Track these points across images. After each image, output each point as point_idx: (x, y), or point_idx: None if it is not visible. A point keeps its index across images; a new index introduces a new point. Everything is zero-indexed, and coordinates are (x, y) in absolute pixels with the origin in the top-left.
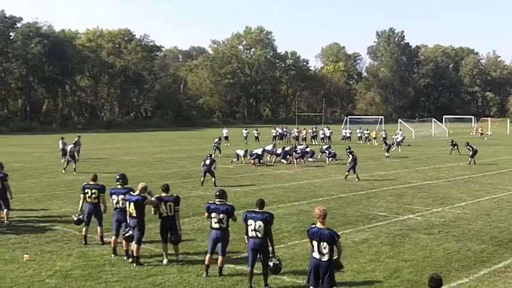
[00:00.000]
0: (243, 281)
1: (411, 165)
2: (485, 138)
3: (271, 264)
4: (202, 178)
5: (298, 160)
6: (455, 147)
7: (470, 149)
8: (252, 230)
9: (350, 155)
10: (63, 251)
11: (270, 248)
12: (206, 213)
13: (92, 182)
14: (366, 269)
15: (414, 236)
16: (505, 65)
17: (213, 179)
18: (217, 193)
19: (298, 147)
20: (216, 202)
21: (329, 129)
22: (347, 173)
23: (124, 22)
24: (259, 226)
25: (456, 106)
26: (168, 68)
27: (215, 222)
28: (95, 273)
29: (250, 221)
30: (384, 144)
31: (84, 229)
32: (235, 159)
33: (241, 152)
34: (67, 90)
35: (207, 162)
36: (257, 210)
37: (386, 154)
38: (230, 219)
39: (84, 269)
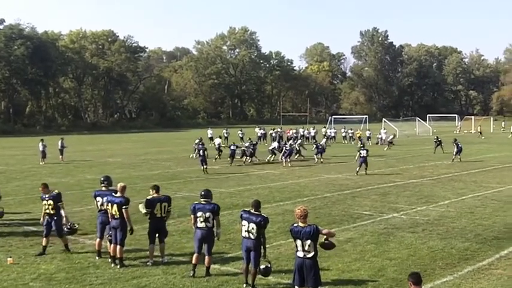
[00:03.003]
0: (228, 281)
1: (396, 164)
2: (483, 137)
3: (262, 266)
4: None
5: (284, 158)
6: (440, 144)
7: (456, 146)
8: (245, 231)
9: (361, 152)
10: (47, 254)
11: (262, 251)
12: (192, 216)
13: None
14: (351, 268)
15: (399, 235)
16: (488, 63)
17: (206, 166)
18: (202, 193)
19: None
20: (202, 201)
21: (314, 129)
22: (359, 168)
23: (107, 23)
24: (252, 228)
25: (440, 105)
26: (152, 69)
27: (201, 222)
28: (79, 275)
29: (244, 222)
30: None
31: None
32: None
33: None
34: (50, 92)
35: (201, 153)
36: (253, 211)
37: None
38: (216, 218)
39: (68, 272)
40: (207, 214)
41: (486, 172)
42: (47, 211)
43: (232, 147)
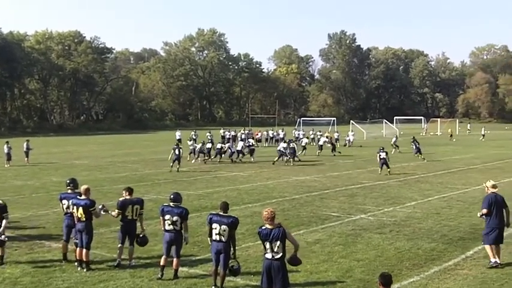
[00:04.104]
0: (196, 284)
1: (363, 165)
2: (454, 140)
3: (231, 267)
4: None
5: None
6: (418, 150)
7: (414, 146)
8: (216, 234)
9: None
10: (12, 257)
11: (232, 251)
12: (161, 218)
13: None
14: (319, 269)
15: (366, 236)
16: (454, 66)
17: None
18: (172, 196)
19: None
20: (171, 204)
21: (283, 131)
22: (380, 169)
23: (74, 24)
24: (224, 230)
25: (406, 107)
26: (119, 70)
27: (169, 224)
28: (45, 279)
29: (215, 225)
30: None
31: None
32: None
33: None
34: (16, 93)
35: (177, 152)
36: (222, 213)
37: (333, 153)
38: (184, 222)
39: (34, 276)
40: (175, 218)
41: (452, 174)
42: None
43: (218, 145)
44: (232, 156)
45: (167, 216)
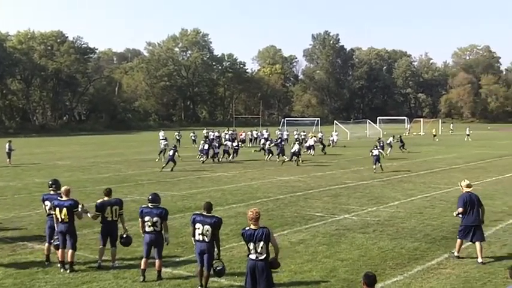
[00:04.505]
0: (180, 285)
1: (347, 165)
2: (437, 140)
3: (216, 268)
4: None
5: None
6: (402, 144)
7: (378, 145)
8: (199, 234)
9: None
10: None
11: (216, 251)
12: (140, 220)
13: None
14: (303, 269)
15: (350, 236)
16: (437, 67)
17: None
18: (150, 197)
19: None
20: (149, 206)
21: (267, 131)
22: (374, 166)
23: (56, 24)
24: (207, 230)
25: (390, 107)
26: (102, 71)
27: (149, 226)
28: (27, 281)
29: (198, 225)
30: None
31: None
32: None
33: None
34: None
35: (170, 153)
36: (205, 213)
37: (323, 152)
38: (164, 222)
39: (16, 278)
40: (155, 219)
41: (434, 173)
42: None
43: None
44: (214, 156)
45: (147, 218)
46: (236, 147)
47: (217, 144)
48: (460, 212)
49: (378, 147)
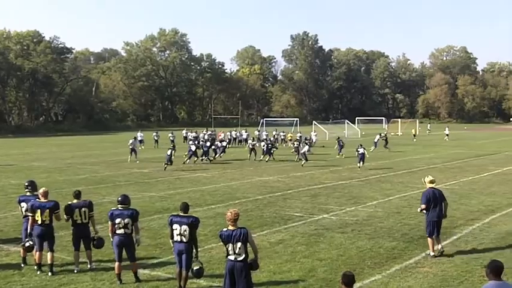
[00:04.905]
0: (159, 287)
1: (326, 165)
2: (415, 140)
3: (194, 268)
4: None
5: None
6: (386, 143)
7: (338, 144)
8: (177, 235)
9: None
10: None
11: (194, 252)
12: (109, 223)
13: None
14: (282, 269)
15: (329, 235)
16: (414, 67)
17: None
18: (120, 199)
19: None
20: (119, 207)
21: (246, 132)
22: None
23: (33, 23)
24: (185, 230)
25: (368, 108)
26: (79, 71)
27: (120, 228)
28: (3, 284)
29: (175, 225)
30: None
31: None
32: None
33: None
34: None
35: (168, 152)
36: (182, 214)
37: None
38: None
39: None
40: (126, 220)
41: (412, 173)
42: None
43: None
44: (204, 155)
45: (118, 220)
46: (224, 147)
47: (208, 144)
48: (423, 208)
49: (363, 146)
